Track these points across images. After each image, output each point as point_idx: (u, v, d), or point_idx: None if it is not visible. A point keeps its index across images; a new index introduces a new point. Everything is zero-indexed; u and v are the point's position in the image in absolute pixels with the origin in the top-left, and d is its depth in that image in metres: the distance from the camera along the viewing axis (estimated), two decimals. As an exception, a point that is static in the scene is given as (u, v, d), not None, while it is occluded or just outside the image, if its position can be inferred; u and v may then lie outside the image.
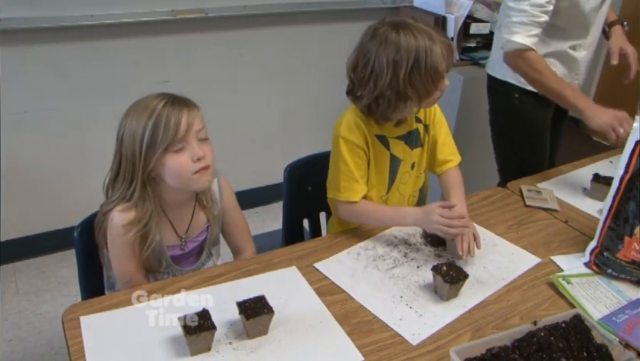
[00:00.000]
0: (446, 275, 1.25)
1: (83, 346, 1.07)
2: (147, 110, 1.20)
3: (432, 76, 1.34)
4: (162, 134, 1.20)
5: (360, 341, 1.13)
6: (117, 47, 2.31)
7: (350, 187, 1.45)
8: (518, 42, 1.71)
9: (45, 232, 2.49)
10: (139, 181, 1.24)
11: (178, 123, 1.21)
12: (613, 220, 1.35)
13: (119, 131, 1.24)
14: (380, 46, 1.35)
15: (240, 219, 1.50)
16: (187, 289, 1.23)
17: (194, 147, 1.24)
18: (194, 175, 1.25)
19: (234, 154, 2.82)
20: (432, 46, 1.33)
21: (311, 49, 2.73)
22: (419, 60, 1.32)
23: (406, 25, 1.36)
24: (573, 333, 1.10)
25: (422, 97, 1.38)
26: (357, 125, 1.45)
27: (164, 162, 1.23)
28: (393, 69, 1.34)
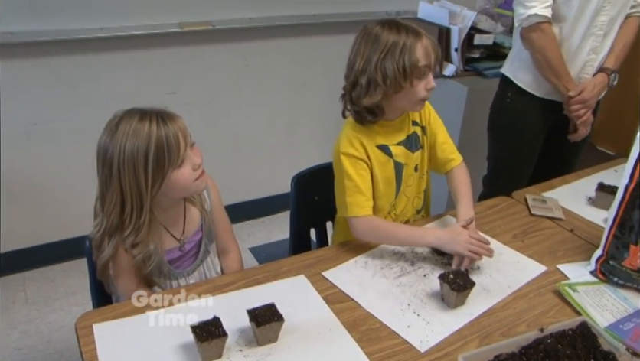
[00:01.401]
0: (453, 283, 1.27)
1: (96, 354, 1.09)
2: (139, 135, 1.18)
3: (406, 68, 1.37)
4: (167, 156, 1.20)
5: (368, 348, 1.15)
6: (125, 58, 2.35)
7: (356, 202, 1.46)
8: (539, 14, 1.80)
9: (54, 241, 2.51)
10: (148, 207, 1.24)
11: (178, 141, 1.21)
12: (618, 229, 1.37)
13: (106, 161, 1.21)
14: (363, 38, 1.43)
15: (225, 220, 1.53)
16: (199, 297, 1.24)
17: (192, 157, 1.27)
18: (195, 182, 1.29)
19: (240, 164, 2.86)
20: (415, 41, 1.38)
21: (316, 60, 2.76)
22: (394, 50, 1.37)
23: (394, 22, 1.42)
24: (580, 340, 1.12)
25: (391, 86, 1.40)
26: (356, 139, 1.48)
27: (170, 179, 1.24)
28: (368, 54, 1.40)
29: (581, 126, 1.97)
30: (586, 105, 1.92)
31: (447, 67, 2.71)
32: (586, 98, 1.90)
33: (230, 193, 2.82)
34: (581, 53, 1.90)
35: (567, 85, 1.90)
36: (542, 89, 1.99)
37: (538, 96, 2.00)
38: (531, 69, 1.97)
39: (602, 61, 1.93)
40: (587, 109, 1.93)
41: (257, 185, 2.89)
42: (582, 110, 1.93)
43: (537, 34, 1.83)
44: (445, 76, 2.71)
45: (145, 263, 1.30)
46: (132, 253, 1.27)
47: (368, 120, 1.48)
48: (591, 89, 1.90)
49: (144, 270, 1.31)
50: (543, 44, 1.85)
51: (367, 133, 1.50)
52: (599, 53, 1.91)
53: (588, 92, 1.90)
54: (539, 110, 2.02)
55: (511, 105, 2.06)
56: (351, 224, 1.48)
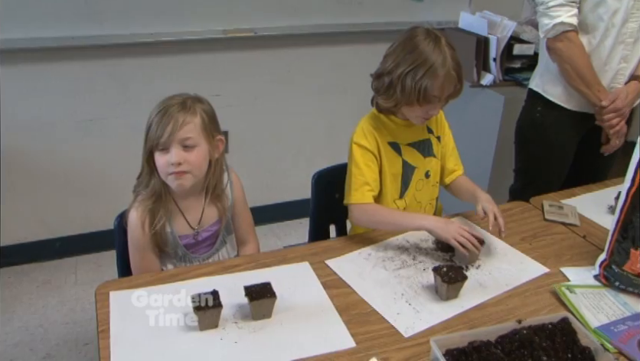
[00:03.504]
0: (445, 276, 1.31)
1: (108, 316, 1.22)
2: (157, 107, 1.39)
3: (421, 91, 1.44)
4: (147, 133, 1.39)
5: (355, 330, 1.22)
6: (173, 62, 2.53)
7: (360, 190, 1.54)
8: (565, 22, 1.81)
9: (105, 230, 2.71)
10: (151, 171, 1.42)
11: (163, 129, 1.36)
12: (620, 233, 1.37)
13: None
14: (405, 40, 1.49)
15: (247, 214, 1.63)
16: (207, 275, 1.36)
17: (172, 153, 1.38)
18: (168, 176, 1.40)
19: (279, 166, 2.98)
20: (440, 69, 1.43)
21: (357, 67, 2.82)
22: (420, 69, 1.43)
23: (437, 40, 1.46)
24: (560, 334, 1.14)
25: (404, 99, 1.47)
26: (370, 132, 1.56)
27: (155, 158, 1.40)
28: (400, 60, 1.46)
29: (614, 137, 1.94)
30: (620, 113, 1.90)
31: (485, 77, 2.73)
32: (620, 106, 1.88)
33: (267, 194, 2.98)
34: (612, 62, 1.88)
35: (599, 94, 1.88)
36: (573, 102, 1.97)
37: (569, 109, 1.99)
38: (560, 81, 1.96)
39: (634, 69, 1.91)
40: (621, 118, 1.91)
41: (295, 187, 2.99)
42: (615, 119, 1.90)
43: (564, 43, 1.84)
44: (483, 85, 2.73)
45: (157, 234, 1.43)
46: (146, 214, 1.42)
47: (385, 111, 1.57)
48: (624, 97, 1.88)
49: (156, 242, 1.44)
50: (570, 53, 1.85)
51: (382, 129, 1.58)
52: (630, 62, 1.89)
53: (621, 101, 1.88)
54: (570, 123, 2.01)
55: (541, 119, 2.05)
56: (350, 210, 1.57)
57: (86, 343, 2.21)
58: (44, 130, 2.47)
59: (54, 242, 2.68)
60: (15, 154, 2.46)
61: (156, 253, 1.48)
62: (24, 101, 2.39)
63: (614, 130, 1.90)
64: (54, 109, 2.45)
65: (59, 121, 2.48)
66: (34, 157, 2.52)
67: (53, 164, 2.55)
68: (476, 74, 2.74)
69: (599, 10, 1.81)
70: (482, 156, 2.72)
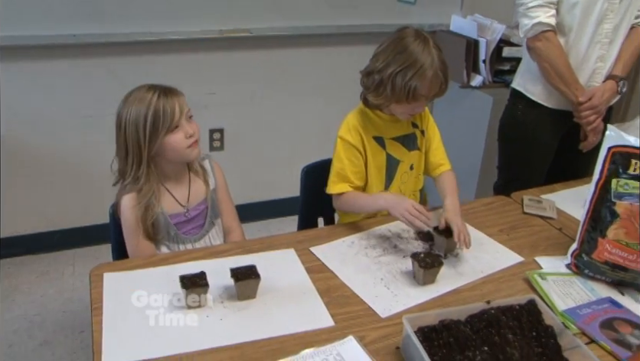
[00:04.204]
0: (422, 261, 1.38)
1: (101, 295, 1.29)
2: (144, 102, 1.46)
3: (410, 91, 1.51)
4: (162, 120, 1.46)
5: (335, 310, 1.29)
6: (170, 60, 2.61)
7: (337, 182, 1.64)
8: (543, 22, 1.88)
9: (103, 223, 2.78)
10: (146, 160, 1.49)
11: (173, 110, 1.47)
12: (590, 223, 1.44)
13: (119, 122, 1.49)
14: (394, 41, 1.55)
15: (229, 201, 1.72)
16: (196, 260, 1.43)
17: (186, 126, 1.50)
18: (187, 149, 1.51)
19: (274, 164, 3.05)
20: (429, 70, 1.49)
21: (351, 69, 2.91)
22: (410, 70, 1.49)
23: (426, 41, 1.53)
24: (526, 315, 1.20)
25: (393, 97, 1.54)
26: (354, 128, 1.64)
27: (165, 141, 1.48)
28: (390, 61, 1.52)
29: (591, 134, 2.01)
30: (596, 111, 1.97)
31: (475, 78, 2.81)
32: (596, 104, 1.95)
33: (260, 191, 3.06)
34: (588, 61, 1.96)
35: (576, 92, 1.96)
36: (552, 100, 2.05)
37: (549, 107, 2.06)
38: (540, 80, 2.03)
39: (610, 69, 1.98)
40: (598, 116, 1.98)
41: (288, 185, 3.05)
42: (592, 116, 1.97)
43: (543, 42, 1.91)
44: (473, 86, 2.80)
45: (149, 213, 1.51)
46: (138, 200, 1.50)
47: (372, 106, 1.64)
48: (600, 95, 1.95)
49: (148, 222, 1.52)
50: (549, 53, 1.93)
51: (367, 124, 1.66)
52: (606, 61, 1.97)
53: (597, 98, 1.95)
54: (550, 121, 2.08)
55: (522, 117, 2.13)
56: (333, 199, 1.68)
57: (82, 330, 2.28)
58: (44, 125, 2.55)
59: (53, 235, 2.76)
60: (16, 148, 2.54)
61: (150, 238, 1.55)
62: (25, 97, 2.47)
63: (591, 127, 1.97)
64: (54, 105, 2.53)
65: (59, 117, 2.56)
66: (34, 152, 2.59)
67: (52, 158, 2.63)
68: (466, 75, 2.82)
69: (575, 11, 1.88)
70: (471, 154, 2.79)
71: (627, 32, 1.96)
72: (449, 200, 1.61)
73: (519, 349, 1.12)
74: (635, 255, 1.36)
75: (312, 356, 1.15)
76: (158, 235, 1.57)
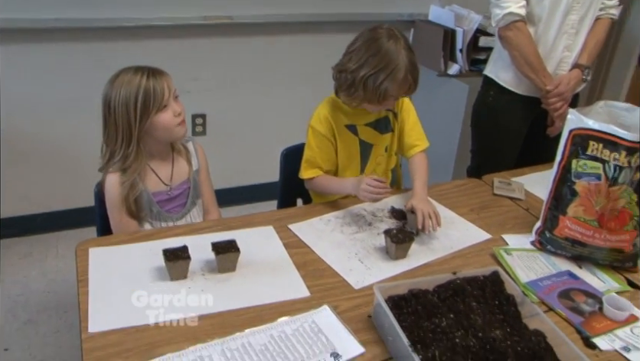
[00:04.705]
0: (395, 237, 1.46)
1: (87, 268, 1.35)
2: (133, 83, 1.51)
3: (381, 93, 1.56)
4: (153, 100, 1.52)
5: (310, 282, 1.36)
6: (154, 46, 2.64)
7: (308, 168, 1.74)
8: (513, 12, 1.96)
9: (86, 206, 2.81)
10: (136, 139, 1.55)
11: (163, 90, 1.53)
12: (552, 202, 1.53)
13: (107, 103, 1.53)
14: (368, 41, 1.58)
15: (210, 184, 1.79)
16: (178, 236, 1.49)
17: (174, 105, 1.56)
18: (176, 127, 1.58)
19: (255, 149, 3.11)
20: (401, 71, 1.55)
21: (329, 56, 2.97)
22: (382, 72, 1.54)
23: (399, 40, 1.57)
24: (490, 285, 1.29)
25: (366, 98, 1.60)
26: (325, 118, 1.71)
27: (155, 120, 1.54)
28: (363, 62, 1.57)
29: (558, 119, 2.10)
30: (563, 98, 2.06)
31: (452, 67, 2.88)
32: (563, 91, 2.05)
33: (242, 176, 3.11)
34: (556, 50, 2.05)
35: (544, 79, 2.05)
36: (522, 87, 2.14)
37: (519, 94, 2.16)
38: (511, 68, 2.12)
39: (576, 58, 2.08)
40: (564, 102, 2.07)
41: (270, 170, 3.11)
42: (559, 103, 2.07)
43: (514, 32, 2.00)
44: (450, 74, 2.88)
45: (133, 190, 1.56)
46: (122, 178, 1.55)
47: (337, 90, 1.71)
48: (567, 83, 2.04)
49: (131, 199, 1.57)
50: (519, 42, 2.01)
51: (339, 113, 1.72)
52: (572, 51, 2.06)
53: (564, 86, 2.04)
54: (520, 107, 2.18)
55: (493, 103, 2.22)
56: (305, 182, 1.77)
57: (66, 310, 2.33)
58: (28, 108, 2.57)
59: (36, 218, 2.79)
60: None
61: (133, 215, 1.60)
62: (9, 80, 2.49)
63: (558, 113, 2.06)
64: (39, 89, 2.56)
65: (44, 100, 2.58)
66: (19, 135, 2.61)
67: (37, 141, 2.65)
68: (443, 64, 2.89)
69: (545, 2, 1.97)
70: (448, 140, 2.87)
71: (592, 23, 2.05)
72: (417, 185, 1.69)
73: (482, 315, 1.20)
74: (592, 231, 1.45)
75: (289, 324, 1.22)
76: (141, 213, 1.62)
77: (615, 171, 1.39)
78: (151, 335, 1.16)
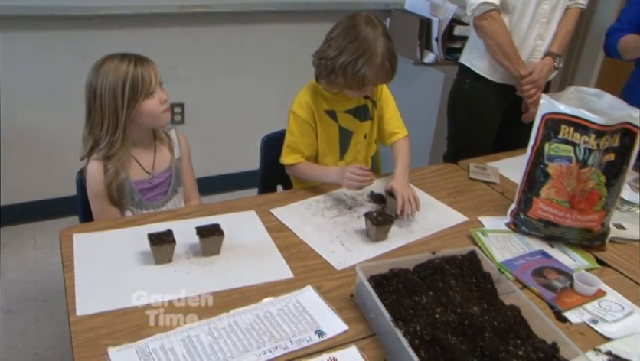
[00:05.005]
0: (375, 219, 1.50)
1: (72, 253, 1.36)
2: (119, 71, 1.51)
3: (360, 80, 1.59)
4: (141, 87, 1.53)
5: (294, 264, 1.39)
6: (132, 35, 2.63)
7: (289, 153, 1.76)
8: (488, 2, 2.01)
9: (64, 196, 2.79)
10: (122, 126, 1.55)
11: (150, 76, 1.54)
12: (526, 184, 1.58)
13: (93, 90, 1.53)
14: (346, 29, 1.61)
15: (191, 172, 1.81)
16: (162, 221, 1.51)
17: (160, 92, 1.58)
18: (162, 114, 1.59)
19: (234, 138, 3.12)
20: (379, 57, 1.58)
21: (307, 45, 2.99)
22: (360, 58, 1.57)
23: (377, 27, 1.60)
24: (467, 264, 1.33)
25: (346, 85, 1.63)
26: (306, 104, 1.74)
27: (142, 107, 1.55)
28: (342, 49, 1.59)
29: (532, 106, 2.16)
30: (536, 84, 2.12)
31: (427, 55, 2.93)
32: (536, 78, 2.11)
33: (221, 165, 3.12)
34: (529, 39, 2.11)
35: (518, 67, 2.11)
36: (497, 74, 2.20)
37: (493, 81, 2.21)
38: (486, 56, 2.18)
39: (548, 46, 2.14)
40: (538, 89, 2.13)
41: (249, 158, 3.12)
42: (532, 90, 2.13)
43: (488, 21, 2.05)
44: (426, 63, 2.93)
45: (116, 178, 1.57)
46: (105, 166, 1.56)
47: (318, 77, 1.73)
48: (540, 70, 2.11)
49: (114, 186, 1.58)
50: (493, 30, 2.06)
51: (319, 99, 1.75)
52: (544, 39, 2.12)
53: (537, 73, 2.10)
54: (494, 94, 2.24)
55: (469, 90, 2.28)
56: (285, 167, 1.80)
57: (46, 299, 2.32)
58: (4, 98, 2.54)
59: (14, 208, 2.76)
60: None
61: (115, 203, 1.61)
62: (-17, 69, 2.46)
63: (532, 100, 2.12)
64: (15, 78, 2.53)
65: (20, 90, 2.56)
66: (-6, 125, 2.59)
67: (13, 131, 2.62)
68: (419, 53, 2.94)
69: None
70: (424, 127, 2.93)
71: (562, 13, 2.11)
72: (398, 169, 1.73)
73: (460, 293, 1.25)
74: (564, 212, 1.51)
75: (273, 304, 1.25)
76: (122, 200, 1.63)
77: (585, 154, 1.45)
78: (138, 317, 1.18)
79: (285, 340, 1.15)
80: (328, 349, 1.13)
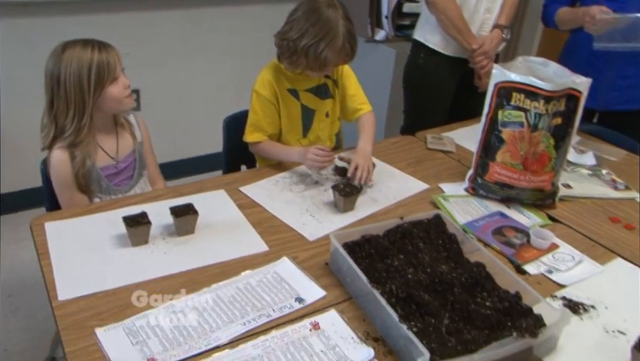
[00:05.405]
0: (342, 191, 1.56)
1: (46, 241, 1.36)
2: (84, 57, 1.51)
3: (321, 62, 1.64)
4: (107, 72, 1.53)
5: (268, 238, 1.43)
6: (83, 21, 2.58)
7: (253, 131, 1.80)
8: None
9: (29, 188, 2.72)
10: (89, 112, 1.55)
11: (115, 62, 1.55)
12: (482, 150, 1.67)
13: (56, 78, 1.52)
14: (308, 11, 1.64)
15: (153, 155, 1.83)
16: (133, 205, 1.52)
17: (123, 77, 1.58)
18: (126, 99, 1.60)
19: (192, 122, 3.11)
20: (341, 39, 1.62)
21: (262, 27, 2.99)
22: (323, 41, 1.61)
23: (339, 6, 1.64)
24: (433, 227, 1.41)
25: (308, 66, 1.67)
26: (269, 82, 1.77)
27: (107, 92, 1.55)
28: (304, 31, 1.63)
29: (484, 76, 2.26)
30: (488, 56, 2.22)
31: (378, 33, 2.99)
32: (487, 49, 2.21)
33: (180, 150, 3.11)
34: (478, 13, 2.20)
35: (470, 40, 2.20)
36: (450, 48, 2.28)
37: (447, 55, 2.30)
38: (438, 31, 2.26)
39: (496, 19, 2.24)
40: (489, 60, 2.23)
41: (208, 142, 3.13)
42: (485, 61, 2.23)
43: None
44: (377, 40, 2.99)
45: (84, 165, 1.57)
46: (72, 154, 1.55)
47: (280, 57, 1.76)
48: (490, 42, 2.21)
49: (82, 174, 1.58)
50: (444, 6, 2.14)
51: (281, 78, 1.78)
52: (492, 13, 2.22)
53: (488, 45, 2.20)
54: (448, 67, 2.33)
55: (424, 64, 2.37)
56: (249, 145, 1.83)
57: (10, 294, 2.29)
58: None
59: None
60: None
61: (83, 190, 1.61)
62: None
63: (484, 70, 2.22)
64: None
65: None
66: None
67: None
68: (370, 31, 3.00)
69: None
70: (378, 103, 2.96)
71: None
72: (360, 142, 1.79)
73: (428, 254, 1.32)
74: (518, 174, 1.61)
75: (252, 276, 1.29)
76: (90, 187, 1.63)
77: (536, 118, 1.55)
78: (121, 297, 1.20)
79: (268, 309, 1.19)
80: (309, 315, 1.19)
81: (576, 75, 1.60)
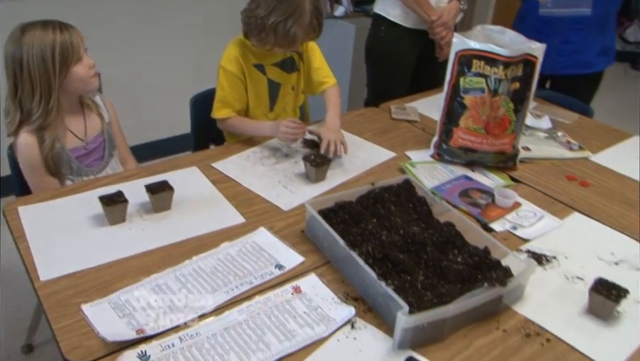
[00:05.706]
0: (313, 162, 1.60)
1: (21, 225, 1.35)
2: (46, 39, 1.49)
3: (289, 39, 1.66)
4: (71, 52, 1.52)
5: (243, 210, 1.46)
6: (38, 5, 2.49)
7: (221, 107, 1.81)
8: None
9: None
10: (56, 95, 1.54)
11: (78, 42, 1.54)
12: (446, 117, 1.73)
13: (18, 61, 1.49)
14: None
15: (122, 136, 1.83)
16: (107, 185, 1.52)
17: (88, 58, 1.58)
18: (91, 78, 1.60)
19: (156, 104, 3.08)
20: (308, 16, 1.64)
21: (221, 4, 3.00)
22: (291, 18, 1.62)
23: None
24: (403, 191, 1.47)
25: (277, 42, 1.68)
26: (235, 58, 1.79)
27: (72, 72, 1.54)
28: (272, 9, 1.63)
29: (445, 47, 2.32)
30: (447, 27, 2.29)
31: (337, 9, 3.02)
32: (446, 20, 2.27)
33: (146, 132, 3.08)
34: None
35: (429, 12, 2.26)
36: (409, 20, 2.34)
37: (407, 27, 2.36)
38: (398, 4, 2.31)
39: None
40: (448, 31, 2.30)
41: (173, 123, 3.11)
42: (444, 32, 2.29)
43: None
44: (336, 16, 3.02)
45: (53, 148, 1.56)
46: (41, 137, 1.54)
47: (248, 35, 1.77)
48: (448, 13, 2.27)
49: (51, 157, 1.57)
50: None
51: (247, 53, 1.80)
52: None
53: (446, 15, 2.27)
54: (409, 39, 2.38)
55: (385, 37, 2.41)
56: (217, 122, 1.85)
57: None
58: None
59: None
60: None
61: (53, 173, 1.60)
62: None
63: (444, 41, 2.29)
64: None
65: None
66: None
67: None
68: (329, 7, 3.02)
69: None
70: (339, 78, 2.99)
71: None
72: (328, 115, 1.83)
73: (400, 216, 1.38)
74: (481, 138, 1.68)
75: (231, 247, 1.33)
76: (61, 170, 1.62)
77: (496, 84, 1.61)
78: (104, 274, 1.21)
79: (249, 276, 1.23)
80: (290, 280, 1.23)
81: (531, 41, 1.68)
